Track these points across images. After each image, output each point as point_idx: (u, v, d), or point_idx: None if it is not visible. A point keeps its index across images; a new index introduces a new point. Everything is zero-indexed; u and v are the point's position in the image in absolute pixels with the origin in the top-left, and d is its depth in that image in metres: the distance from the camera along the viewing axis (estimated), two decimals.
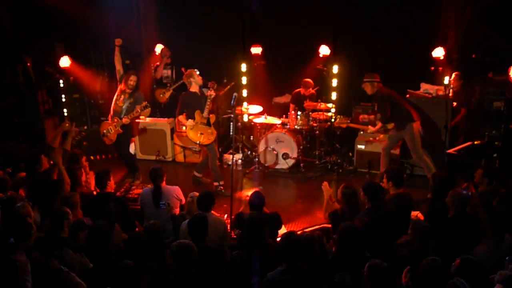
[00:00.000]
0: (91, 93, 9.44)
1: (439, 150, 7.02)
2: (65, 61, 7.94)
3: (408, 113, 6.72)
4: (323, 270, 3.85)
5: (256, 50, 9.04)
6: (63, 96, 8.35)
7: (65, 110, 8.68)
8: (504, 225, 4.13)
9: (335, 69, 8.03)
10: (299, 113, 7.89)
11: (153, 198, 5.48)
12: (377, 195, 4.75)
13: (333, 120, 7.73)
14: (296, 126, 7.93)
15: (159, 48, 9.26)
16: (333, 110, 8.00)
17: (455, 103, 7.59)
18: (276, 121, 8.16)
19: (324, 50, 8.52)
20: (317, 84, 8.60)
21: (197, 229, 4.29)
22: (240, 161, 8.18)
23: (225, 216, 5.77)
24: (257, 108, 8.49)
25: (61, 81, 8.29)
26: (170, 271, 3.84)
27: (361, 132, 7.92)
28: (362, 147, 7.74)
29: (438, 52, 8.12)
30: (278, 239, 4.95)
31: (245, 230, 4.25)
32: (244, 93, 8.48)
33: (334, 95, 8.12)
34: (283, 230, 5.76)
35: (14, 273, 3.61)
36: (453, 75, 7.74)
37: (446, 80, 7.42)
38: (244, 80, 8.45)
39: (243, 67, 8.33)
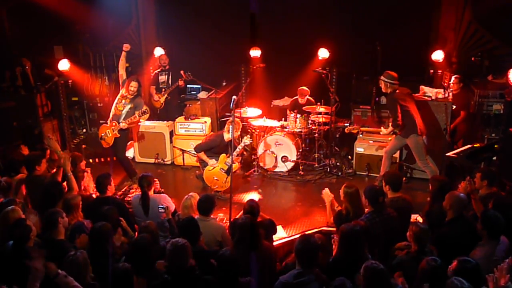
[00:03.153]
0: (90, 96, 9.46)
1: (439, 154, 7.00)
2: (64, 64, 7.91)
3: (414, 125, 6.63)
4: (326, 273, 3.85)
5: (255, 52, 9.03)
6: (62, 99, 8.34)
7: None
8: (498, 229, 4.10)
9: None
10: (298, 116, 7.87)
11: (142, 206, 5.37)
12: (378, 199, 4.73)
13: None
14: (295, 129, 7.91)
15: (157, 51, 9.26)
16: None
17: (454, 106, 7.58)
18: (275, 123, 8.15)
19: (323, 53, 8.52)
20: (316, 87, 8.60)
21: (188, 232, 4.29)
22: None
23: (224, 220, 5.75)
24: (256, 111, 8.47)
25: (60, 84, 8.28)
26: (165, 272, 3.83)
27: (360, 135, 7.91)
28: (361, 150, 7.72)
29: (438, 55, 8.14)
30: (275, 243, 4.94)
31: (238, 234, 4.24)
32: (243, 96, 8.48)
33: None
34: (283, 234, 5.76)
35: (25, 279, 3.58)
36: (453, 78, 7.75)
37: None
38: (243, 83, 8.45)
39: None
